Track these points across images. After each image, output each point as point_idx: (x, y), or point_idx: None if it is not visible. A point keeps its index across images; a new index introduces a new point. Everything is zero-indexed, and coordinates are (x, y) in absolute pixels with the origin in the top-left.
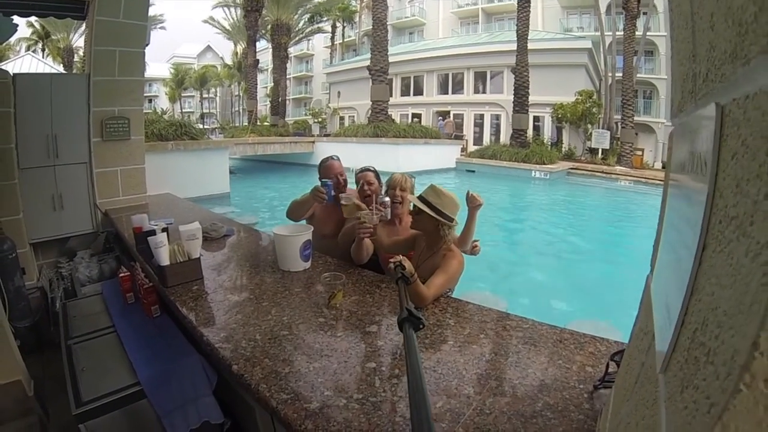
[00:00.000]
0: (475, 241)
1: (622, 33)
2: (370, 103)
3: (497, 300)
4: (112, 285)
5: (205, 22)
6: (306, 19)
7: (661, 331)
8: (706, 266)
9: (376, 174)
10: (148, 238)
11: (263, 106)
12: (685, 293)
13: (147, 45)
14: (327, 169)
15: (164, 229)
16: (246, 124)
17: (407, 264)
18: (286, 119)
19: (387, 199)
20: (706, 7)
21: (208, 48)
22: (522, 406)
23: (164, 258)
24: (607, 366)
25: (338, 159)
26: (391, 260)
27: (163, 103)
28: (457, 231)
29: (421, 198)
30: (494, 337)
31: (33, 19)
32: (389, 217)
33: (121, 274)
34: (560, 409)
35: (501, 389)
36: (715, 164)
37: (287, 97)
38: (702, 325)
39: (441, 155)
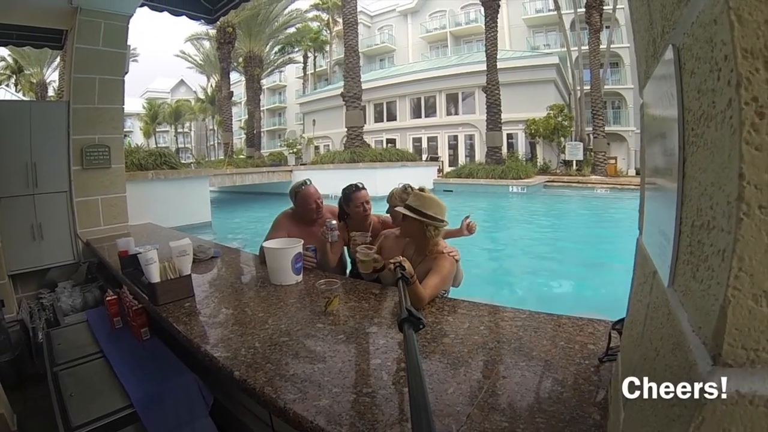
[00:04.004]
0: (466, 217)
1: (587, 47)
2: (345, 130)
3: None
4: (97, 312)
5: (177, 56)
6: (278, 50)
7: (660, 258)
8: (689, 170)
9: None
10: (138, 255)
11: (238, 139)
12: (676, 208)
13: (126, 73)
14: (304, 197)
15: (150, 252)
16: (221, 157)
17: (407, 265)
18: (261, 151)
19: (334, 222)
20: None
21: (182, 82)
22: (532, 385)
23: (155, 275)
24: (610, 337)
25: (311, 183)
26: (392, 261)
27: (137, 138)
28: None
29: (405, 205)
30: (494, 328)
31: (6, 53)
32: (336, 239)
33: (108, 298)
34: (570, 383)
35: (509, 371)
36: (679, 92)
37: (261, 129)
38: (697, 212)
39: (418, 177)
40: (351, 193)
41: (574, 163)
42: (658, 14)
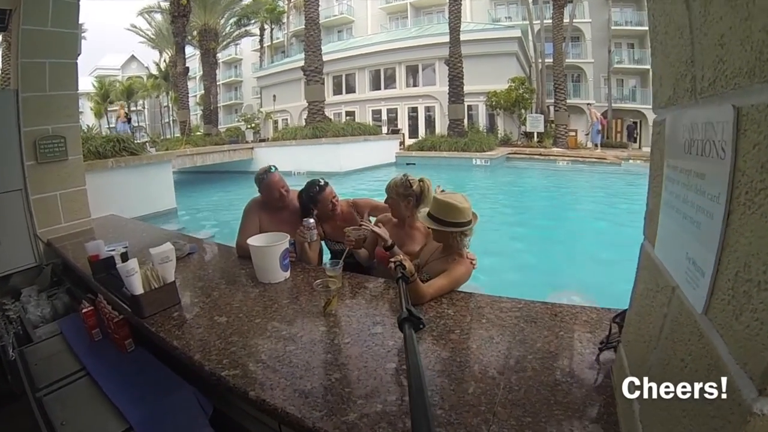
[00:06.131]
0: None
1: (549, 21)
2: (305, 104)
3: (475, 287)
4: (71, 322)
5: (128, 30)
6: (233, 23)
7: (690, 282)
8: (736, 225)
9: None
10: (118, 267)
11: (194, 115)
12: (717, 248)
13: (79, 55)
14: (268, 187)
15: (123, 254)
16: (177, 135)
17: (407, 264)
18: (218, 127)
19: (312, 221)
20: (714, 28)
21: (133, 58)
22: (543, 377)
23: (137, 286)
24: (610, 328)
25: (276, 169)
26: (392, 260)
27: (88, 119)
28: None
29: (429, 214)
30: (495, 321)
31: None
32: (315, 238)
33: (84, 310)
34: (576, 373)
35: (520, 366)
36: (733, 152)
37: (218, 105)
38: (744, 267)
39: (381, 151)
40: (317, 194)
41: (535, 134)
42: (709, 61)
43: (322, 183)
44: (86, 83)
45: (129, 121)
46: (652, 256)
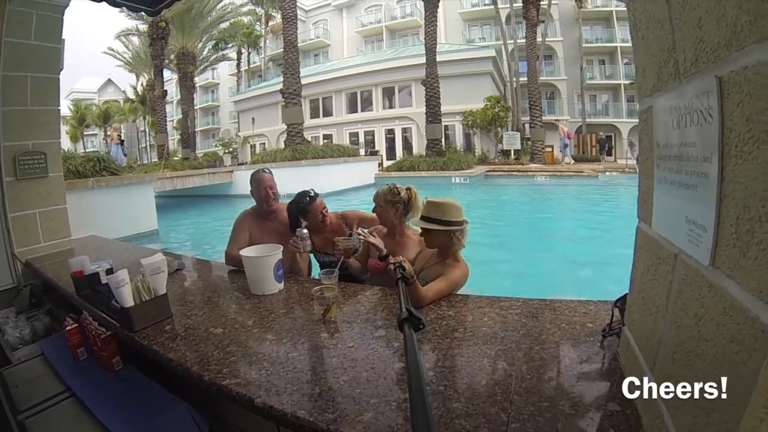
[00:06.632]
0: None
1: (523, 40)
2: (283, 127)
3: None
4: (53, 342)
5: (106, 53)
6: (211, 47)
7: (692, 242)
8: (730, 177)
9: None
10: (108, 277)
11: (171, 140)
12: (716, 202)
13: (61, 70)
14: (259, 182)
15: (108, 270)
16: (155, 160)
17: (407, 265)
18: (196, 152)
19: (305, 231)
20: (692, 15)
21: (109, 81)
22: (553, 366)
23: (128, 298)
24: (612, 313)
25: (269, 171)
26: (391, 260)
27: (64, 143)
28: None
29: (423, 218)
30: (496, 318)
31: None
32: (309, 249)
33: (68, 327)
34: (585, 359)
35: (528, 356)
36: (720, 114)
37: (195, 129)
38: (744, 209)
39: (360, 172)
40: (307, 205)
41: (512, 152)
42: (690, 44)
43: (313, 194)
44: (62, 106)
45: (122, 143)
46: (649, 233)
